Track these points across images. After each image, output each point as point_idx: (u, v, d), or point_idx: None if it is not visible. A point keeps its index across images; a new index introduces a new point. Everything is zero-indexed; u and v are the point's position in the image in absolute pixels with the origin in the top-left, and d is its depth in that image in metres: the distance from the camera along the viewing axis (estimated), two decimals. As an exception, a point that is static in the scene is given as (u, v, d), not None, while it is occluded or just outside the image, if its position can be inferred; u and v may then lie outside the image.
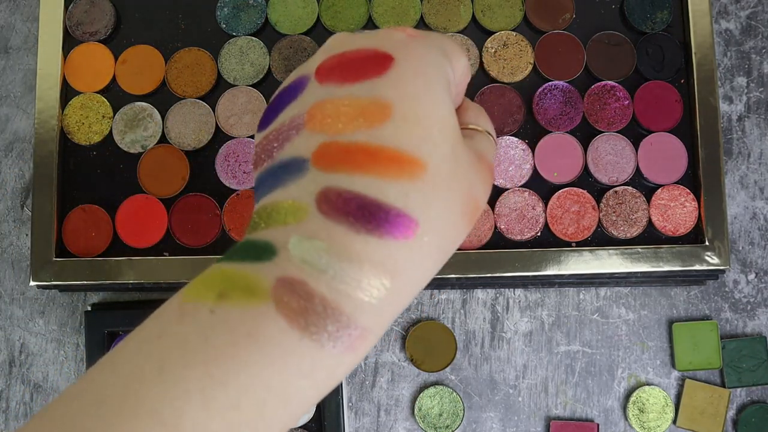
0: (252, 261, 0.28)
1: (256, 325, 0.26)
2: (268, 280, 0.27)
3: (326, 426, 0.52)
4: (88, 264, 0.51)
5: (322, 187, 0.28)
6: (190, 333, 0.26)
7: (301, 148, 0.30)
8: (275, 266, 0.27)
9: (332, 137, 0.29)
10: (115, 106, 0.54)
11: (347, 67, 0.30)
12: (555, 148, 0.52)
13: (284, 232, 0.28)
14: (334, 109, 0.29)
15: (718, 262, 0.50)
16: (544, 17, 0.53)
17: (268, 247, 0.28)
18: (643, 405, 0.53)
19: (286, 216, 0.28)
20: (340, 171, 0.28)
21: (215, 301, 0.27)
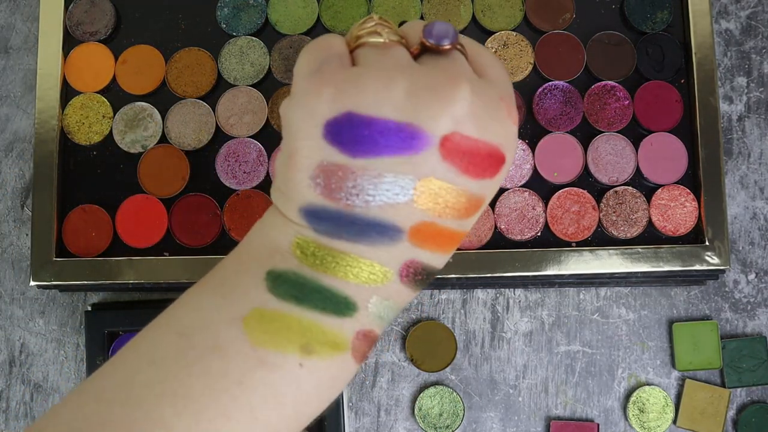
0: (333, 315, 0.30)
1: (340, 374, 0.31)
2: (349, 333, 0.31)
3: (326, 426, 0.52)
4: (88, 264, 0.51)
5: (408, 259, 0.32)
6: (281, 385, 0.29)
7: (402, 219, 0.31)
8: (356, 322, 0.31)
9: (433, 219, 0.31)
10: (115, 106, 0.54)
11: (475, 160, 0.31)
12: (555, 148, 0.52)
13: (366, 291, 0.31)
14: (447, 198, 0.31)
15: (718, 262, 0.50)
16: (544, 17, 0.53)
17: (350, 305, 0.31)
18: (644, 405, 0.53)
19: (372, 278, 0.31)
20: (427, 249, 0.32)
21: (301, 355, 0.29)
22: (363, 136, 0.30)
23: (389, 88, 0.30)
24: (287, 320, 0.29)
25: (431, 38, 0.33)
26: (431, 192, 0.31)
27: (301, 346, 0.29)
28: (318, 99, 0.31)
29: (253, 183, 0.52)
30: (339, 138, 0.30)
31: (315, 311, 0.30)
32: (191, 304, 0.31)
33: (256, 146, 0.52)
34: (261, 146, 0.52)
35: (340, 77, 0.31)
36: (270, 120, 0.53)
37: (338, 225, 0.31)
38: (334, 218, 0.31)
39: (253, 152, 0.52)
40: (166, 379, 0.28)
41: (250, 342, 0.29)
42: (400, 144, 0.30)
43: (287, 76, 0.53)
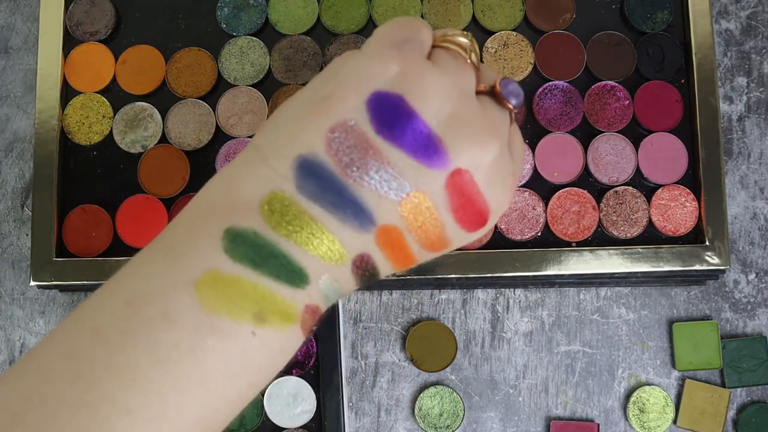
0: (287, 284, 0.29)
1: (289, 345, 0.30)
2: (300, 306, 0.30)
3: (326, 426, 0.52)
4: (89, 264, 0.51)
5: (365, 252, 0.32)
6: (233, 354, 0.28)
7: (380, 213, 0.31)
8: (306, 295, 0.30)
9: (403, 231, 0.32)
10: (115, 106, 0.54)
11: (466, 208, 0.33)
12: (555, 148, 0.52)
13: (320, 267, 0.30)
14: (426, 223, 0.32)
15: (718, 262, 0.50)
16: (545, 17, 0.53)
17: (303, 276, 0.30)
18: (644, 405, 0.53)
19: (330, 256, 0.31)
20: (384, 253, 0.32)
21: (255, 323, 0.28)
22: (399, 123, 0.31)
23: (443, 101, 0.32)
24: (242, 286, 0.28)
25: (504, 90, 0.35)
26: (417, 206, 0.32)
27: (254, 314, 0.28)
28: (383, 68, 0.31)
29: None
30: (378, 110, 0.31)
31: (270, 278, 0.29)
32: (139, 268, 0.29)
33: (256, 146, 0.52)
34: (261, 146, 0.52)
35: (413, 63, 0.32)
36: (270, 120, 0.53)
37: (324, 188, 0.30)
38: (325, 178, 0.30)
39: (253, 152, 0.52)
40: (111, 352, 0.26)
41: (203, 309, 0.27)
42: (423, 151, 0.31)
43: (287, 76, 0.53)
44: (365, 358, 0.54)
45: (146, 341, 0.27)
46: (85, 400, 0.25)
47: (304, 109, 0.32)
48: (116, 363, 0.26)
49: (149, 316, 0.27)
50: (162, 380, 0.26)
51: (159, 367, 0.26)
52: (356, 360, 0.54)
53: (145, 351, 0.26)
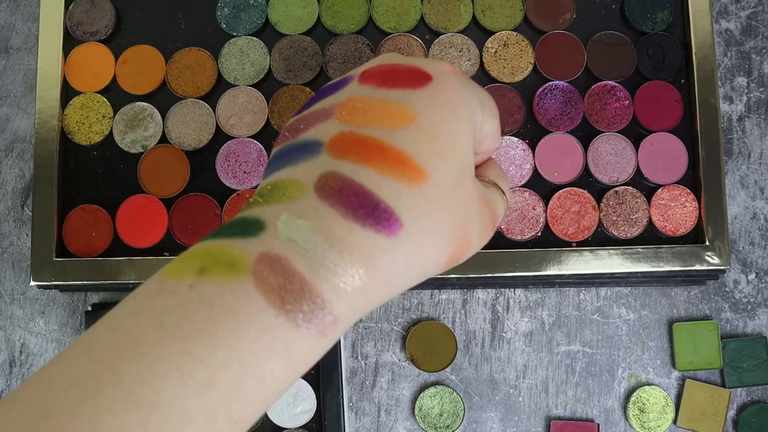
0: (238, 237, 0.27)
1: (235, 301, 0.26)
2: (251, 256, 0.27)
3: (326, 426, 0.52)
4: (89, 264, 0.51)
5: (326, 170, 0.29)
6: (168, 309, 0.26)
7: (322, 133, 0.30)
8: (260, 242, 0.27)
9: (352, 128, 0.30)
10: (115, 106, 0.54)
11: (389, 75, 0.32)
12: (555, 148, 0.52)
13: (277, 210, 0.28)
14: (363, 105, 0.31)
15: (718, 262, 0.50)
16: (545, 17, 0.53)
17: (256, 223, 0.28)
18: (644, 405, 0.53)
19: (284, 194, 0.29)
20: (349, 159, 0.29)
21: (195, 276, 0.26)
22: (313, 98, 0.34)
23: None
24: (194, 250, 0.27)
25: None
26: (349, 106, 0.31)
27: (196, 269, 0.26)
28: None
29: (253, 183, 0.52)
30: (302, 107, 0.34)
31: (223, 238, 0.28)
32: None
33: (257, 146, 0.52)
34: (261, 146, 0.52)
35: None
36: (270, 120, 0.53)
37: (275, 160, 0.31)
38: (276, 155, 0.32)
39: (254, 152, 0.52)
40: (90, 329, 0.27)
41: (159, 278, 0.27)
42: (331, 89, 0.33)
43: (287, 76, 0.53)
44: (365, 358, 0.54)
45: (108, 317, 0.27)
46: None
47: None
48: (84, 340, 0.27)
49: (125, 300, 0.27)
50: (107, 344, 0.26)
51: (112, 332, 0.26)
52: (356, 360, 0.54)
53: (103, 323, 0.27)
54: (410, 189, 0.29)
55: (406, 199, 0.29)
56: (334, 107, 0.32)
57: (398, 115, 0.30)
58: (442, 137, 0.30)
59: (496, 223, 0.34)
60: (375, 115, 0.30)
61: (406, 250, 0.29)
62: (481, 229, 0.33)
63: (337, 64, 0.53)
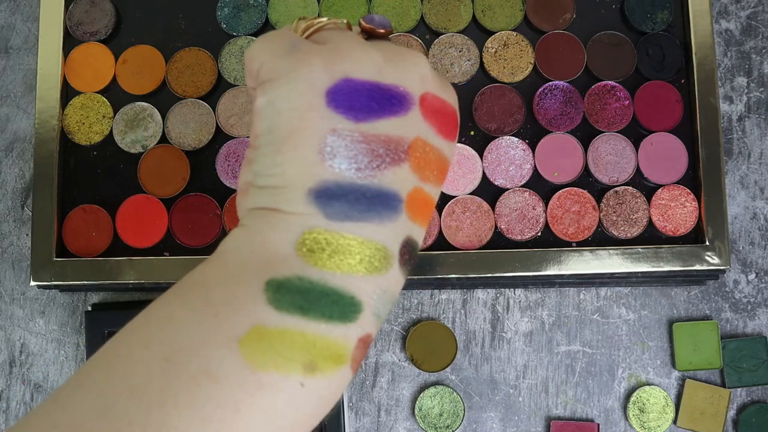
0: (339, 322, 0.27)
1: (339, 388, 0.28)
2: (352, 343, 0.28)
3: (326, 426, 0.52)
4: (89, 264, 0.51)
5: (406, 236, 0.30)
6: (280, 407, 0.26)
7: (400, 185, 0.30)
8: (359, 327, 0.28)
9: (421, 184, 0.31)
10: (115, 106, 0.54)
11: (445, 120, 0.32)
12: (555, 148, 0.52)
13: (370, 287, 0.28)
14: (431, 158, 0.31)
15: (718, 262, 0.50)
16: (545, 17, 0.53)
17: (355, 304, 0.28)
18: (644, 405, 0.53)
19: (377, 264, 0.28)
20: (417, 222, 0.31)
21: (304, 374, 0.26)
22: (364, 100, 0.30)
23: (370, 55, 0.30)
24: (291, 336, 0.26)
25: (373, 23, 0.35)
26: (421, 152, 0.30)
27: (304, 364, 0.26)
28: (311, 69, 0.30)
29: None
30: (343, 104, 0.29)
31: (321, 320, 0.27)
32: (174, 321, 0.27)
33: (257, 146, 0.52)
34: (261, 146, 0.52)
35: (322, 50, 0.30)
36: (270, 120, 0.53)
37: (349, 200, 0.29)
38: (345, 192, 0.29)
39: (254, 152, 0.52)
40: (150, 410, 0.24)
41: (248, 366, 0.25)
42: (393, 105, 0.30)
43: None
44: (365, 358, 0.54)
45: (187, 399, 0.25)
46: None
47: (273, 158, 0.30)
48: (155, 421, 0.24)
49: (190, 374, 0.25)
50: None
51: (202, 426, 0.25)
52: (356, 360, 0.54)
53: (186, 409, 0.25)
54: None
55: None
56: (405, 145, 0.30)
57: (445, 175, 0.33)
58: None
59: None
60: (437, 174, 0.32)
61: None
62: None
63: (337, 64, 0.53)
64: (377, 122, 0.29)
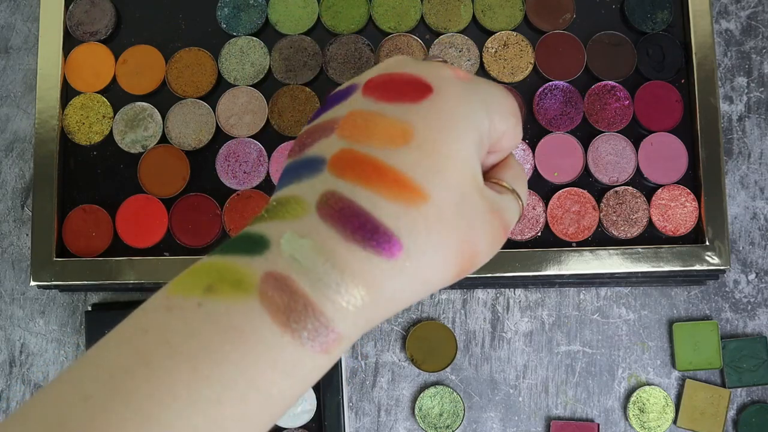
0: (244, 254, 0.28)
1: (241, 319, 0.27)
2: (257, 274, 0.27)
3: (326, 426, 0.52)
4: (89, 264, 0.51)
5: (327, 189, 0.29)
6: (177, 327, 0.27)
7: (325, 149, 0.31)
8: (265, 260, 0.28)
9: (352, 145, 0.30)
10: (115, 106, 0.54)
11: (389, 87, 0.32)
12: (555, 148, 0.52)
13: (280, 227, 0.29)
14: (362, 121, 0.31)
15: (718, 262, 0.50)
16: (545, 17, 0.53)
17: (261, 241, 0.29)
18: (644, 405, 0.53)
19: (287, 212, 0.29)
20: (348, 179, 0.29)
21: (203, 294, 0.27)
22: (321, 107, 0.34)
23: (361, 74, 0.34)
24: (201, 266, 0.28)
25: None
26: (350, 121, 0.31)
27: (204, 287, 0.27)
28: None
29: (254, 183, 0.52)
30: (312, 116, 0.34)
31: (229, 254, 0.28)
32: None
33: (257, 146, 0.52)
34: (261, 146, 0.52)
35: None
36: (270, 120, 0.53)
37: (283, 175, 0.32)
38: (284, 170, 0.32)
39: (254, 152, 0.52)
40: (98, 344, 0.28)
41: (165, 293, 0.28)
42: (338, 99, 0.33)
43: (287, 76, 0.53)
44: (365, 358, 0.54)
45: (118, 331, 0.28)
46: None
47: None
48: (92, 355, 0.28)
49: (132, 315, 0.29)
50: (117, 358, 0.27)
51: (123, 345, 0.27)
52: (356, 360, 0.54)
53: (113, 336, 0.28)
54: (409, 210, 0.29)
55: (406, 221, 0.29)
56: (336, 121, 0.32)
57: (396, 133, 0.30)
58: (442, 154, 0.30)
59: (508, 231, 0.34)
60: (374, 132, 0.30)
61: (408, 270, 0.29)
62: (491, 239, 0.32)
63: (337, 64, 0.53)
64: (325, 114, 0.33)
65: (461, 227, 0.30)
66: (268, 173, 0.52)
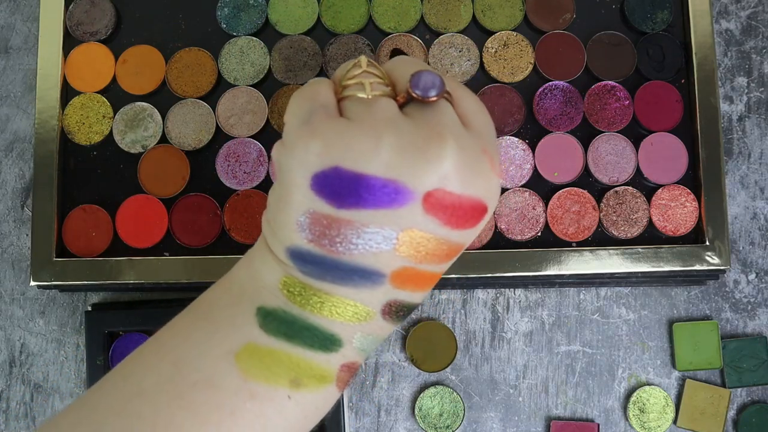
0: (321, 350, 0.32)
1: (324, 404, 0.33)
2: (336, 368, 0.32)
3: (326, 426, 0.52)
4: (89, 264, 0.51)
5: (390, 299, 0.33)
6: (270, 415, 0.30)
7: (384, 265, 0.32)
8: (341, 356, 0.33)
9: (414, 265, 0.32)
10: (115, 106, 0.54)
11: (457, 213, 0.32)
12: (555, 148, 0.52)
13: (351, 330, 0.33)
14: (428, 247, 0.32)
15: (718, 262, 0.50)
16: (545, 17, 0.53)
17: (335, 340, 0.32)
18: (644, 405, 0.53)
19: (355, 316, 0.33)
20: (407, 290, 0.33)
21: (291, 388, 0.31)
22: (349, 190, 0.31)
23: (377, 146, 0.31)
24: (278, 355, 0.31)
25: (418, 90, 0.33)
26: (413, 242, 0.32)
27: (290, 380, 0.31)
28: (306, 152, 0.31)
29: (254, 183, 0.52)
30: (326, 190, 0.31)
31: (304, 347, 0.31)
32: (183, 333, 0.32)
33: (257, 146, 0.52)
34: (261, 146, 0.52)
35: (329, 130, 0.31)
36: (270, 120, 0.53)
37: (323, 268, 0.32)
38: (318, 262, 0.32)
39: (254, 152, 0.52)
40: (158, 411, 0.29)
41: (242, 376, 0.30)
42: (385, 199, 0.31)
43: (287, 76, 0.53)
44: (366, 359, 0.54)
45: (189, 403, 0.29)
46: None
47: (274, 203, 0.33)
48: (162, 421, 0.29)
49: (193, 380, 0.30)
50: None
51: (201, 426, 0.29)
52: (356, 360, 0.54)
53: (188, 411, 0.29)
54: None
55: None
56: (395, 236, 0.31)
57: (454, 255, 0.34)
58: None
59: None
60: (437, 257, 0.33)
61: None
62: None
63: (337, 64, 0.53)
64: (362, 211, 0.31)
65: None
66: (268, 173, 0.52)
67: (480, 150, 0.32)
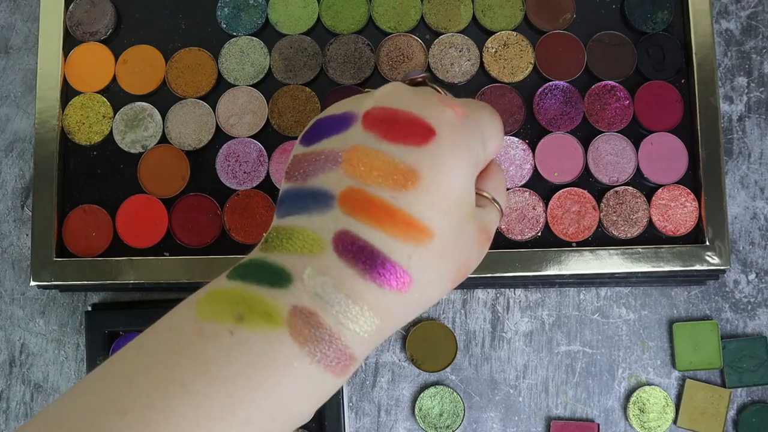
0: (268, 286, 0.31)
1: (273, 349, 0.30)
2: (284, 307, 0.30)
3: (326, 426, 0.52)
4: (89, 264, 0.51)
5: (341, 228, 0.32)
6: (212, 353, 0.29)
7: (331, 184, 0.33)
8: (291, 294, 0.31)
9: (360, 185, 0.33)
10: (115, 106, 0.54)
11: (393, 126, 0.33)
12: (555, 148, 0.52)
13: (300, 262, 0.32)
14: (369, 161, 0.33)
15: (718, 262, 0.50)
16: (545, 17, 0.53)
17: (284, 275, 0.31)
18: (644, 405, 0.53)
19: (304, 246, 0.32)
20: (361, 219, 0.32)
21: (234, 323, 0.30)
22: (318, 130, 0.35)
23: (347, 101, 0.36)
24: (228, 293, 0.31)
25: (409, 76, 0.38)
26: (355, 158, 0.33)
27: (234, 315, 0.30)
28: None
29: (254, 183, 0.52)
30: (305, 137, 0.36)
31: (252, 283, 0.31)
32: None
33: (257, 146, 0.52)
34: (261, 146, 0.52)
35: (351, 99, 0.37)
36: (270, 120, 0.53)
37: (288, 202, 0.34)
38: (288, 196, 0.34)
39: (254, 152, 0.52)
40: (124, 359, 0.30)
41: (196, 317, 0.30)
42: (335, 126, 0.35)
43: (287, 76, 0.53)
44: (366, 359, 0.54)
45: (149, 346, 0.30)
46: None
47: None
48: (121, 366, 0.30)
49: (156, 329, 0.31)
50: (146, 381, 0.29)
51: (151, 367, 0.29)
52: (356, 360, 0.54)
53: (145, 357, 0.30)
54: (419, 248, 0.32)
55: (416, 258, 0.32)
56: (338, 154, 0.34)
57: (403, 177, 0.33)
58: (446, 196, 0.33)
59: (491, 238, 0.36)
60: (381, 175, 0.33)
61: (416, 297, 0.33)
62: (481, 252, 0.36)
63: (337, 64, 0.53)
64: (321, 142, 0.35)
65: (460, 253, 0.34)
66: (268, 173, 0.52)
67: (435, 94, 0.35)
